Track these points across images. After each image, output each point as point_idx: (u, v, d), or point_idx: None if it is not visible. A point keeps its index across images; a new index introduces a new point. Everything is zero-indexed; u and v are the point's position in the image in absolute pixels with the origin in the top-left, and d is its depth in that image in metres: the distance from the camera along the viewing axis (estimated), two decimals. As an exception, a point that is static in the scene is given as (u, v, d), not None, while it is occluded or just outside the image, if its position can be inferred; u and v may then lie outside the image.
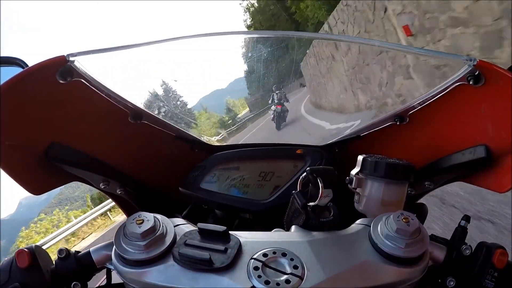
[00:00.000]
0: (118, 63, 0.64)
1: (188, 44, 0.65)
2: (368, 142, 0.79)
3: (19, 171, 0.55)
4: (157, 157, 0.80)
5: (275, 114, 2.96)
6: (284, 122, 3.63)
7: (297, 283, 0.39)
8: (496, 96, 0.55)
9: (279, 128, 3.63)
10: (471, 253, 0.50)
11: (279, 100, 2.60)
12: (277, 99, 2.58)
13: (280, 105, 2.68)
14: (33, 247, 0.48)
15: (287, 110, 2.69)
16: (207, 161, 0.82)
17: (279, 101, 2.60)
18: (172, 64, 1.02)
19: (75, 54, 0.52)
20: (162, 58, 0.86)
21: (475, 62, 0.52)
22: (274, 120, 3.13)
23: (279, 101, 2.61)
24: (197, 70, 16.29)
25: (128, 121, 0.67)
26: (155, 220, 0.45)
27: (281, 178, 0.78)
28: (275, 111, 2.84)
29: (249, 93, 4.46)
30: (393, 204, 0.52)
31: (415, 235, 0.43)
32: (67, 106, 0.59)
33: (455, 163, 0.65)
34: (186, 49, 0.69)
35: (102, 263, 0.50)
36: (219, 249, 0.42)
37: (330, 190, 0.49)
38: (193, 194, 0.79)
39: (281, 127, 3.63)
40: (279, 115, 3.00)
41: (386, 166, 0.51)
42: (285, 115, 3.02)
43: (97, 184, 0.69)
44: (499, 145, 0.59)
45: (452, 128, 0.66)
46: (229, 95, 14.28)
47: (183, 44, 0.65)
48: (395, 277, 0.42)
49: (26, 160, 0.56)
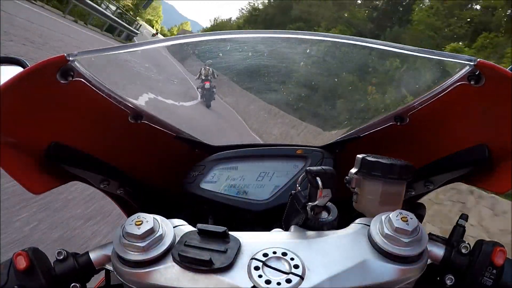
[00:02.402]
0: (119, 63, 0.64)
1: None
2: (368, 143, 0.79)
3: (19, 170, 0.55)
4: (157, 157, 0.80)
5: (202, 92, 2.83)
6: (213, 100, 3.54)
7: (298, 282, 0.39)
8: (496, 96, 0.55)
9: (209, 105, 3.54)
10: (470, 251, 0.50)
11: (206, 76, 2.50)
12: (204, 75, 2.49)
13: (208, 81, 2.58)
14: (31, 249, 0.47)
15: (215, 86, 2.59)
16: (207, 161, 0.82)
17: (206, 77, 2.50)
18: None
19: (75, 54, 0.52)
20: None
21: (476, 62, 0.52)
22: (203, 98, 3.01)
23: (206, 77, 2.51)
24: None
25: (128, 121, 0.68)
26: (154, 221, 0.45)
27: (281, 178, 0.78)
28: (203, 88, 2.71)
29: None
30: (392, 203, 0.52)
31: (414, 234, 0.44)
32: (67, 106, 0.59)
33: (455, 163, 0.65)
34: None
35: (101, 264, 0.50)
36: (219, 250, 0.42)
37: (329, 190, 0.49)
38: (193, 194, 0.79)
39: (210, 104, 3.55)
40: (208, 92, 2.87)
41: (384, 165, 0.51)
42: (213, 91, 2.90)
43: (97, 183, 0.70)
44: (499, 145, 0.59)
45: (452, 128, 0.66)
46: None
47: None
48: (395, 275, 0.43)
49: (26, 160, 0.57)
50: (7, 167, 0.52)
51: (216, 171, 0.81)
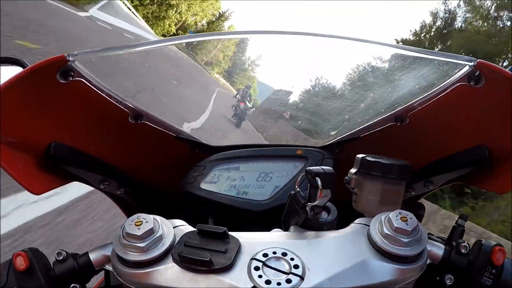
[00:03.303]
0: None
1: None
2: (368, 143, 0.79)
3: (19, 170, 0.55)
4: (157, 157, 0.80)
5: (236, 111, 2.89)
6: (244, 121, 3.60)
7: (298, 282, 0.39)
8: (496, 96, 0.55)
9: (239, 125, 3.60)
10: (469, 250, 0.50)
11: (243, 98, 2.57)
12: (241, 96, 2.56)
13: (243, 102, 2.64)
14: (31, 250, 0.47)
15: (248, 109, 2.65)
16: (206, 161, 0.82)
17: (242, 98, 2.57)
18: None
19: (76, 54, 0.52)
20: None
21: (475, 63, 0.52)
22: (235, 117, 3.08)
23: (243, 99, 2.58)
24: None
25: (128, 121, 0.68)
26: (154, 221, 0.45)
27: (281, 178, 0.78)
28: (237, 107, 2.78)
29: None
30: (391, 203, 0.52)
31: (414, 233, 0.44)
32: (67, 105, 0.59)
33: (455, 163, 0.65)
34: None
35: (100, 264, 0.50)
36: (219, 250, 0.42)
37: (329, 190, 0.49)
38: (193, 194, 0.79)
39: (241, 125, 3.62)
40: (241, 112, 2.94)
41: (383, 165, 0.51)
42: (245, 113, 2.97)
43: (97, 184, 0.70)
44: (499, 145, 0.59)
45: (452, 129, 0.66)
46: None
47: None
48: (394, 275, 0.43)
49: (26, 160, 0.57)
50: (7, 167, 0.52)
51: (216, 172, 0.81)
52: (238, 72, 1.37)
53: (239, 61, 1.29)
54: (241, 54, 1.21)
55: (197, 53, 1.15)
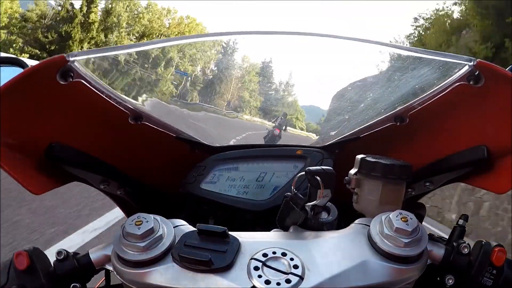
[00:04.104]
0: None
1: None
2: (368, 143, 0.79)
3: (19, 171, 0.55)
4: (157, 157, 0.80)
5: (269, 134, 2.95)
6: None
7: (298, 282, 0.39)
8: (496, 96, 0.55)
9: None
10: (469, 251, 0.50)
11: (280, 125, 2.63)
12: (279, 123, 2.62)
13: (279, 129, 2.70)
14: (32, 249, 0.48)
15: (280, 136, 2.71)
16: (207, 161, 0.82)
17: (279, 125, 2.63)
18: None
19: (76, 55, 0.52)
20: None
21: (475, 62, 0.53)
22: (265, 138, 3.12)
23: (279, 126, 2.64)
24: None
25: (128, 122, 0.68)
26: (154, 221, 0.45)
27: (281, 178, 0.78)
28: (271, 132, 2.84)
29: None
30: (392, 203, 0.52)
31: (414, 234, 0.44)
32: (67, 106, 0.59)
33: (455, 163, 0.65)
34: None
35: (101, 264, 0.50)
36: (219, 250, 0.42)
37: (329, 190, 0.49)
38: (193, 194, 0.79)
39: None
40: (272, 137, 3.00)
41: (384, 166, 0.51)
42: (276, 140, 3.05)
43: (97, 184, 0.70)
44: (499, 145, 0.59)
45: (452, 129, 0.66)
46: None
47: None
48: (395, 275, 0.43)
49: (26, 160, 0.57)
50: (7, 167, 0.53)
51: (216, 172, 0.81)
52: (269, 104, 1.31)
53: (266, 93, 1.21)
54: (268, 83, 1.15)
55: (217, 103, 1.08)
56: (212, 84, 1.18)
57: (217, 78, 1.20)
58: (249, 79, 1.18)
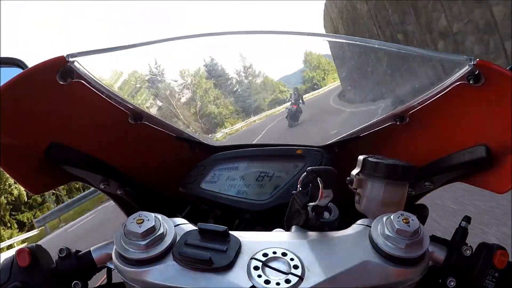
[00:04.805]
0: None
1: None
2: (368, 142, 0.79)
3: (19, 171, 0.55)
4: (157, 157, 0.80)
5: (289, 113, 3.11)
6: (296, 122, 3.78)
7: (297, 283, 0.39)
8: (496, 96, 0.55)
9: (291, 125, 3.77)
10: (472, 253, 0.50)
11: (296, 100, 2.77)
12: (294, 99, 2.76)
13: (296, 105, 2.84)
14: (34, 246, 0.48)
15: (301, 111, 2.86)
16: (207, 161, 0.82)
17: (295, 101, 2.77)
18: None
19: (75, 55, 0.52)
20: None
21: (475, 62, 0.52)
22: (288, 117, 3.30)
23: (296, 102, 2.78)
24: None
25: (128, 121, 0.68)
26: (155, 219, 0.45)
27: (281, 178, 0.78)
28: (290, 110, 2.99)
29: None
30: (394, 204, 0.52)
31: (415, 235, 0.43)
32: (67, 106, 0.59)
33: (455, 163, 0.64)
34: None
35: (102, 262, 0.50)
36: (219, 249, 0.42)
37: (330, 191, 0.49)
38: (193, 194, 0.79)
39: (293, 126, 3.78)
40: (293, 114, 3.16)
41: (387, 166, 0.51)
42: (298, 115, 3.20)
43: (97, 184, 0.69)
44: (499, 145, 0.58)
45: (452, 128, 0.66)
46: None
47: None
48: (395, 277, 0.42)
49: (26, 160, 0.57)
50: (7, 167, 0.53)
51: (216, 171, 0.81)
52: (246, 98, 1.35)
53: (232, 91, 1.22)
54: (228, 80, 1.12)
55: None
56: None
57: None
58: (204, 89, 1.12)
